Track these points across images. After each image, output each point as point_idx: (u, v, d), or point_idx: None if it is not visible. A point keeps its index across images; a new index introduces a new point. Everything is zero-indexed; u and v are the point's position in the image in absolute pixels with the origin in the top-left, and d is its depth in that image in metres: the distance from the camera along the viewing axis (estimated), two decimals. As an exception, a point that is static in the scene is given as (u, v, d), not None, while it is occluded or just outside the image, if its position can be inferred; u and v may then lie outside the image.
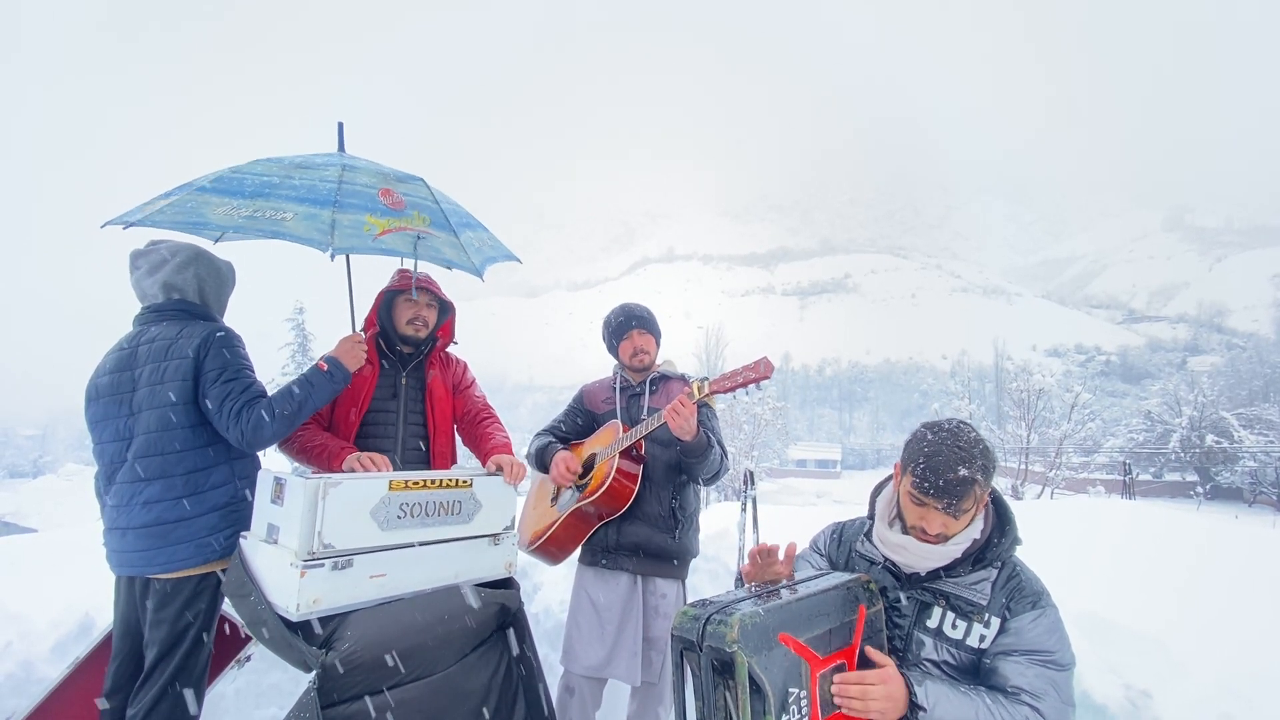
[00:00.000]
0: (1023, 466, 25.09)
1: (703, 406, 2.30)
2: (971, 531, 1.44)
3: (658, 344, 2.55)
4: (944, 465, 1.36)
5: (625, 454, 2.27)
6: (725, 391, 2.04)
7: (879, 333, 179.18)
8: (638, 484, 2.27)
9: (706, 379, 2.12)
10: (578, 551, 2.45)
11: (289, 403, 2.01)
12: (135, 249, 2.14)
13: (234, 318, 2.32)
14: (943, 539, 1.42)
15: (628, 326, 2.50)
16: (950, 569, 1.45)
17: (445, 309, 2.52)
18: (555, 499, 2.43)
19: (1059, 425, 26.30)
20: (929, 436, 1.43)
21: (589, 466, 2.38)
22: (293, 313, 34.70)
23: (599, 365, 2.66)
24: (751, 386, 2.01)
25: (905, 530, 1.49)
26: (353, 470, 2.03)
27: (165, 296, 2.11)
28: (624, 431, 2.30)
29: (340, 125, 2.38)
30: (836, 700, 1.30)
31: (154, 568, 1.95)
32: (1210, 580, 3.08)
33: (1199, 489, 34.06)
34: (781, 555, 1.58)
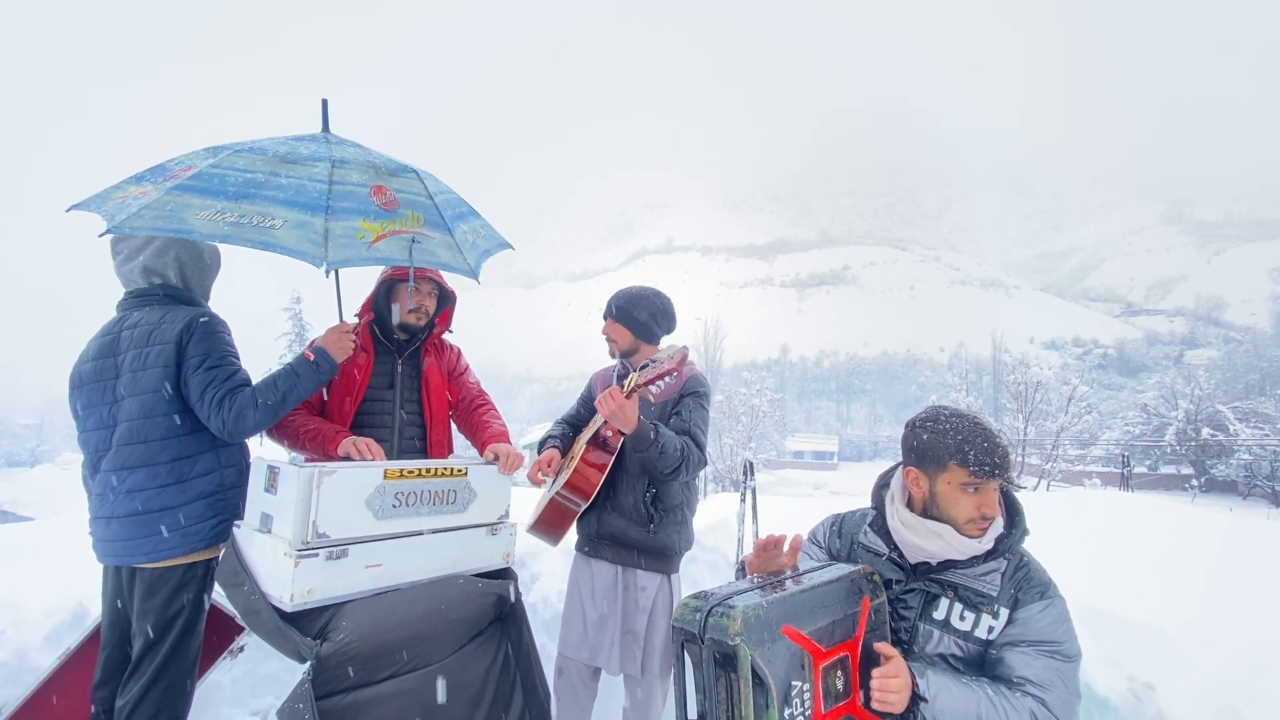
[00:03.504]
0: (1019, 459, 25.21)
1: (688, 396, 2.28)
2: (998, 525, 1.43)
3: (635, 334, 2.40)
4: (990, 444, 1.36)
5: (594, 443, 2.23)
6: (647, 384, 1.97)
7: (877, 325, 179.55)
8: (603, 474, 2.21)
9: (642, 370, 2.06)
10: (573, 536, 2.44)
11: (273, 393, 1.96)
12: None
13: (232, 306, 2.27)
14: (991, 522, 1.41)
15: (606, 314, 2.44)
16: (961, 560, 1.43)
17: (445, 297, 2.49)
18: (550, 484, 2.43)
19: (1056, 418, 26.44)
20: (950, 426, 1.41)
21: None
22: (290, 302, 34.66)
23: (598, 356, 2.61)
24: (669, 378, 1.97)
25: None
26: (348, 455, 2.00)
27: (146, 281, 2.06)
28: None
29: (324, 102, 2.23)
30: (876, 696, 1.29)
31: (139, 557, 1.91)
32: (1211, 572, 3.08)
33: (1194, 482, 34.21)
34: (786, 547, 1.56)
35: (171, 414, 1.94)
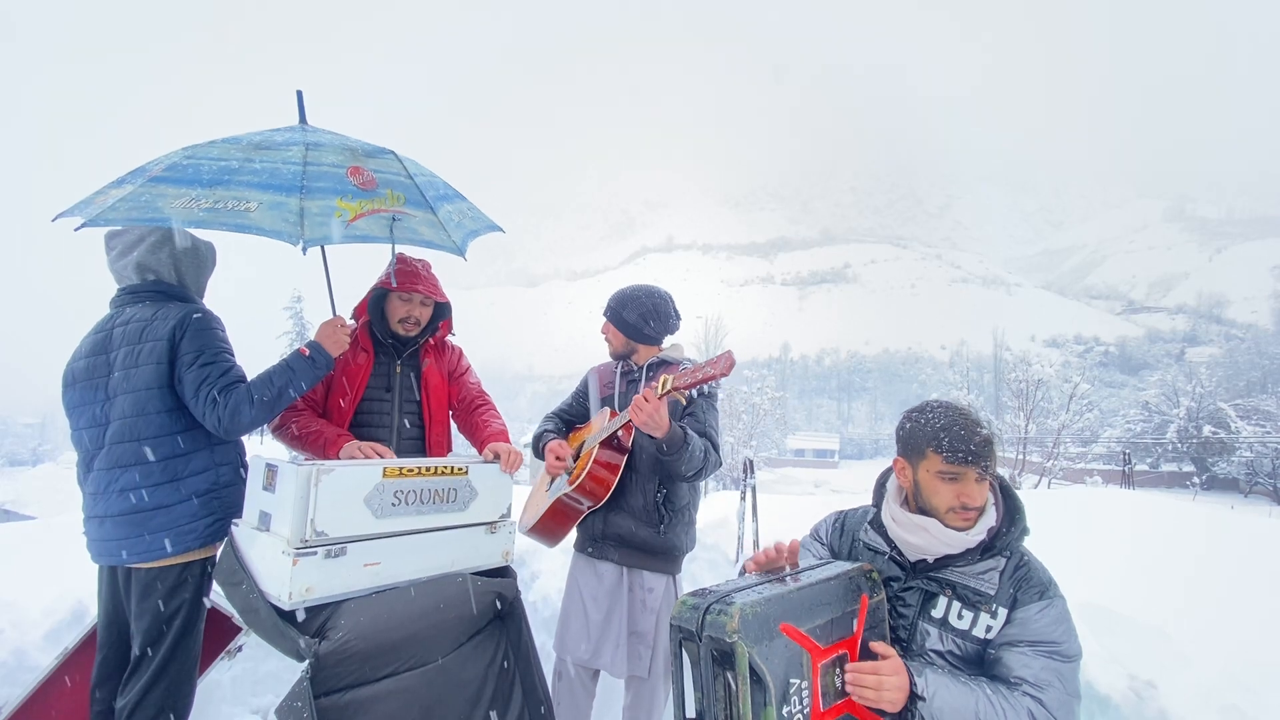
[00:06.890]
0: (1020, 456, 25.15)
1: (701, 397, 2.23)
2: (989, 519, 1.42)
3: (626, 336, 2.37)
4: (967, 432, 1.36)
5: (607, 444, 2.19)
6: (686, 388, 1.91)
7: (878, 323, 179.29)
8: (617, 475, 2.19)
9: (675, 373, 2.04)
10: (574, 536, 2.43)
11: (268, 389, 1.94)
12: (110, 230, 2.06)
13: (233, 305, 2.25)
14: (977, 514, 1.40)
15: (604, 314, 2.42)
16: (959, 557, 1.43)
17: (443, 309, 2.46)
18: (550, 485, 2.41)
19: (1057, 415, 26.35)
20: (932, 415, 1.42)
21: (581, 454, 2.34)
22: (290, 301, 34.70)
23: (598, 355, 2.59)
24: (713, 383, 1.90)
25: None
26: (351, 459, 1.99)
27: (140, 278, 2.04)
28: (610, 419, 2.25)
29: (299, 94, 2.17)
30: (849, 689, 1.29)
31: (133, 557, 1.89)
32: (1213, 570, 3.07)
33: (1195, 479, 34.14)
34: (785, 554, 1.53)
35: (164, 412, 1.92)
